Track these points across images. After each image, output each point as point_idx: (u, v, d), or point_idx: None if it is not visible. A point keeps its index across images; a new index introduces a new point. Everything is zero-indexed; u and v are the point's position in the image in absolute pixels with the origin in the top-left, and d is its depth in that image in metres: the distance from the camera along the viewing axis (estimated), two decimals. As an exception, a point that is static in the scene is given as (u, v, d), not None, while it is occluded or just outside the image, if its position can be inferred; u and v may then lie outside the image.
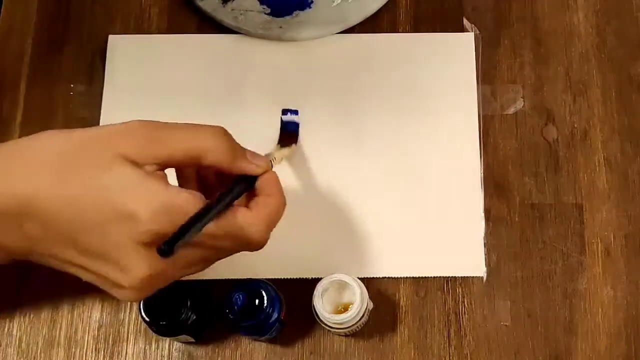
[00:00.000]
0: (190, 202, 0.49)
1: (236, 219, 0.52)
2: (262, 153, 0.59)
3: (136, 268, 0.48)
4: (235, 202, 0.54)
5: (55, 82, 0.74)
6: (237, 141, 0.55)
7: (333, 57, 0.74)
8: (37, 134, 0.50)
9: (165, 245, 0.46)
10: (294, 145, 0.70)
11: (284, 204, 0.56)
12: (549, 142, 0.72)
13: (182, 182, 0.57)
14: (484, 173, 0.70)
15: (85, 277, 0.51)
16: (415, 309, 0.67)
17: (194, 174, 0.57)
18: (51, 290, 0.67)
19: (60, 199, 0.47)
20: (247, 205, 0.54)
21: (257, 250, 0.55)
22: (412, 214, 0.69)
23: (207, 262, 0.54)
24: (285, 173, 0.70)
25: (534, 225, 0.69)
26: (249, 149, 0.56)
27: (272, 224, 0.54)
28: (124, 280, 0.49)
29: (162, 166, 0.51)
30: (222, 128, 0.53)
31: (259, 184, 0.55)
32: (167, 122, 0.52)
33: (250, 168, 0.55)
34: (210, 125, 0.53)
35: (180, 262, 0.51)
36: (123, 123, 0.51)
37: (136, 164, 0.49)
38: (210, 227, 0.50)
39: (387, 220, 0.69)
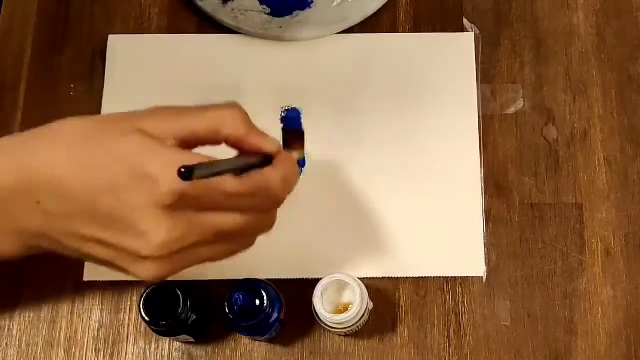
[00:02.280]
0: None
1: (263, 174, 0.51)
2: None
3: (155, 232, 0.47)
4: None
5: (55, 82, 0.74)
6: None
7: (333, 57, 0.74)
8: (66, 118, 0.52)
9: (186, 167, 0.45)
10: (300, 148, 0.70)
11: (298, 176, 0.55)
12: (549, 142, 0.72)
13: None
14: (484, 173, 0.70)
15: (103, 254, 0.50)
16: (415, 309, 0.67)
17: None
18: (51, 290, 0.67)
19: (76, 166, 0.48)
20: None
21: (270, 226, 0.54)
22: (412, 213, 0.69)
23: (225, 240, 0.52)
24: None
25: (533, 225, 0.69)
26: None
27: (290, 186, 0.54)
28: (143, 248, 0.48)
29: (182, 142, 0.51)
30: (236, 102, 0.53)
31: (275, 162, 0.53)
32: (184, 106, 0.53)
33: (266, 143, 0.53)
34: (225, 103, 0.53)
35: (199, 228, 0.50)
36: (143, 109, 0.52)
37: (155, 137, 0.49)
38: (234, 183, 0.49)
39: (387, 220, 0.69)
